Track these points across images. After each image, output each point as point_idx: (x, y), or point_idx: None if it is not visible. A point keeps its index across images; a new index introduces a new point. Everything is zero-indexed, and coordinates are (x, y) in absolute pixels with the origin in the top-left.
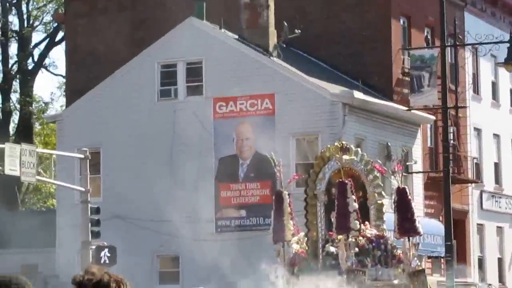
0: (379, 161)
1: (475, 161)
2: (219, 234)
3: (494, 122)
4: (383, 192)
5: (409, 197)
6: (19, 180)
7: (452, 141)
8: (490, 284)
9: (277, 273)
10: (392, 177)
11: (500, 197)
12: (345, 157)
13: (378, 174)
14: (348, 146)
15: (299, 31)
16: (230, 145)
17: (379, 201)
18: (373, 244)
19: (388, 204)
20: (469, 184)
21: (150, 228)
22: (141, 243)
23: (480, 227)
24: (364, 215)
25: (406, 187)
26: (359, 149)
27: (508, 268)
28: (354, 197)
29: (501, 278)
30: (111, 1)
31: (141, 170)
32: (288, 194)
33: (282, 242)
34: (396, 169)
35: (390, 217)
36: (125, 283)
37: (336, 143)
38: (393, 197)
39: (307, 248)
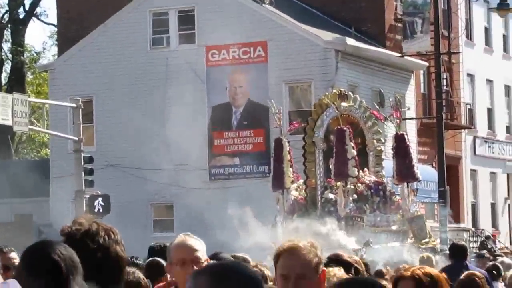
0: (377, 106)
1: (468, 107)
2: (212, 182)
3: (487, 68)
4: (382, 139)
5: (408, 143)
6: (12, 129)
7: (445, 87)
8: (483, 229)
9: (276, 220)
10: (391, 123)
11: (493, 143)
12: (344, 104)
13: (376, 121)
14: (346, 93)
15: None
16: (223, 93)
17: (378, 148)
18: (372, 190)
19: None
20: (462, 130)
21: (144, 177)
22: (135, 191)
23: (473, 173)
24: (363, 161)
25: (405, 133)
26: (357, 96)
27: (501, 213)
28: (352, 144)
29: (494, 223)
30: None
31: (134, 119)
32: (288, 142)
33: (282, 189)
34: (394, 116)
35: (388, 163)
36: (115, 231)
37: (334, 90)
38: (392, 143)
39: (306, 195)
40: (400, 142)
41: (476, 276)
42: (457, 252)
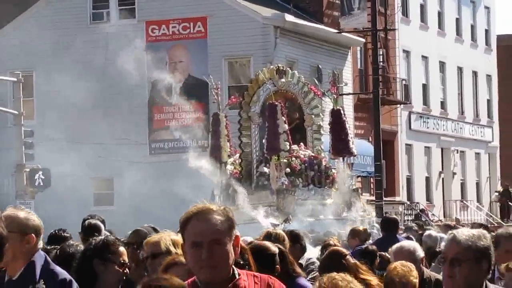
0: (317, 82)
1: (403, 82)
2: (153, 156)
3: (422, 44)
4: (321, 114)
5: (344, 118)
6: None
7: (381, 63)
8: (417, 203)
9: (215, 193)
10: (328, 99)
11: (428, 118)
12: (282, 80)
13: (314, 96)
14: (284, 69)
15: None
16: (163, 68)
17: (316, 123)
18: (306, 164)
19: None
20: (398, 105)
21: (85, 151)
22: (75, 165)
23: (409, 147)
24: (301, 136)
25: (341, 108)
26: (296, 72)
27: (435, 187)
28: (284, 118)
29: (428, 197)
30: None
31: (74, 93)
32: (225, 116)
33: (219, 162)
34: (332, 91)
35: (327, 138)
36: None
37: (272, 66)
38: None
39: (241, 169)
40: (336, 118)
41: (339, 252)
42: (389, 225)
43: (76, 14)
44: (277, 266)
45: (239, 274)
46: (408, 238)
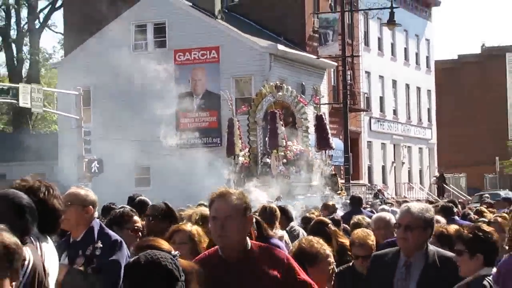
0: (303, 96)
1: (365, 95)
2: (179, 149)
3: (379, 67)
4: (308, 118)
5: (325, 121)
6: (30, 111)
7: (349, 81)
8: (376, 185)
9: (230, 177)
10: (311, 107)
11: (383, 122)
12: (279, 93)
13: (302, 106)
14: (281, 85)
15: (237, 0)
16: (187, 85)
17: (305, 125)
18: (297, 156)
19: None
20: (361, 112)
21: (130, 146)
22: (122, 157)
23: (369, 144)
24: (293, 135)
25: (323, 114)
26: (289, 87)
27: (388, 173)
28: (281, 122)
29: (384, 180)
30: None
31: (120, 103)
32: (238, 121)
33: (233, 155)
34: (314, 101)
35: (312, 136)
36: (54, 187)
37: (271, 83)
38: (313, 121)
39: (249, 160)
40: (319, 121)
41: (323, 221)
42: (355, 202)
43: (122, 45)
44: (254, 231)
45: (251, 246)
46: (371, 212)
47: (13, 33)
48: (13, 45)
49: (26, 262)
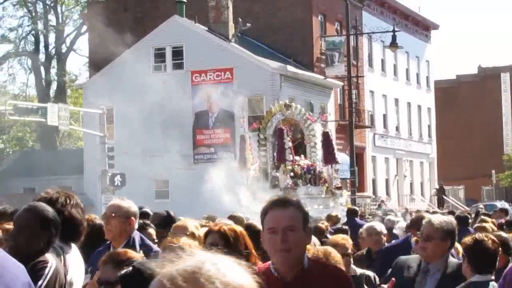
0: (311, 113)
1: (370, 113)
2: (195, 164)
3: (382, 87)
4: (316, 134)
5: (331, 137)
6: (58, 128)
7: (354, 100)
8: (379, 196)
9: (241, 190)
10: (319, 124)
11: (387, 138)
12: (288, 111)
13: (311, 123)
14: (290, 104)
15: (249, 24)
16: (203, 103)
17: (313, 141)
18: (305, 170)
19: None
20: (366, 129)
21: (150, 161)
22: (143, 171)
23: (373, 158)
24: (302, 150)
25: (329, 131)
26: (298, 105)
27: (392, 185)
28: (289, 138)
29: (387, 192)
30: (119, 4)
31: (141, 121)
32: (249, 137)
33: (245, 169)
34: (322, 119)
35: (320, 152)
36: (71, 197)
37: (281, 102)
38: (321, 138)
39: (260, 173)
40: (326, 137)
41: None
42: (350, 213)
43: (143, 66)
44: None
45: (309, 263)
46: (366, 221)
47: (41, 57)
48: (42, 68)
49: (49, 265)
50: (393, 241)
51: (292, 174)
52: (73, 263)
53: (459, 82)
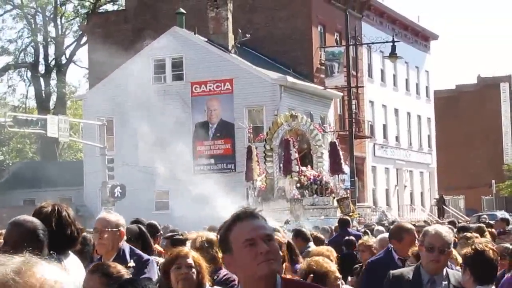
0: (318, 123)
1: (369, 123)
2: (195, 175)
3: (382, 97)
4: (322, 145)
5: (338, 147)
6: (57, 140)
7: (354, 110)
8: (380, 206)
9: (248, 201)
10: (327, 134)
11: (386, 148)
12: (294, 122)
13: (317, 132)
14: (296, 115)
15: (249, 35)
16: (202, 114)
17: (320, 151)
18: (311, 181)
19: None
20: (366, 139)
21: (149, 172)
22: (143, 183)
23: (374, 168)
24: (309, 161)
25: (337, 141)
26: (304, 116)
27: (392, 195)
28: (295, 149)
29: (387, 202)
30: (119, 16)
31: (141, 132)
32: (256, 148)
33: (252, 180)
34: (329, 129)
35: (327, 162)
36: (62, 209)
37: (287, 113)
38: (327, 148)
39: (266, 184)
40: (333, 147)
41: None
42: (343, 224)
43: (142, 78)
44: (283, 254)
45: (282, 283)
46: (365, 232)
47: (41, 68)
48: (41, 80)
49: None
50: (377, 255)
51: (298, 185)
52: (73, 267)
53: (459, 92)
